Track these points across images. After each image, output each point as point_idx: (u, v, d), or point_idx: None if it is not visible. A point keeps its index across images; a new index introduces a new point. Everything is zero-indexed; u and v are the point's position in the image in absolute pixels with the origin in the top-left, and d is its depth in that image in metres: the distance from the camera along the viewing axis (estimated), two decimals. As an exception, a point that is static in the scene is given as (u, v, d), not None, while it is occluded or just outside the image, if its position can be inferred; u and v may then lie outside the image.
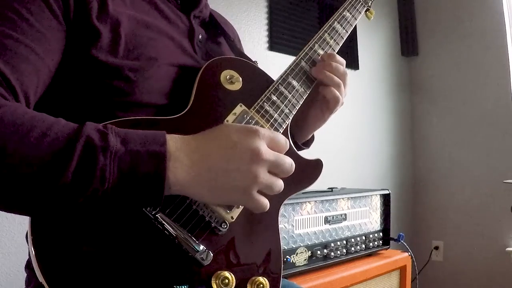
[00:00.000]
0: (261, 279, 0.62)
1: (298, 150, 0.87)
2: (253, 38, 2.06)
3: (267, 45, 2.12)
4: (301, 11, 2.25)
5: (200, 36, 0.78)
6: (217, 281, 0.58)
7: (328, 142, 2.20)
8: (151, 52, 0.67)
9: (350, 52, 2.47)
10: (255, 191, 0.55)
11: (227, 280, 0.59)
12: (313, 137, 0.91)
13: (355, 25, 0.92)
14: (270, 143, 0.56)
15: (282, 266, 0.66)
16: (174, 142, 0.53)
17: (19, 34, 0.56)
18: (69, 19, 0.62)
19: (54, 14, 0.60)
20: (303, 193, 1.48)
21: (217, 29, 0.85)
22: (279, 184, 0.57)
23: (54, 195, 0.48)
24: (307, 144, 0.91)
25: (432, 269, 2.64)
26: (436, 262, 2.68)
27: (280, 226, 1.37)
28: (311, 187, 0.76)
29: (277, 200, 0.67)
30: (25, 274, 0.68)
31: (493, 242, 2.47)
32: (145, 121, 0.61)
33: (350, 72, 1.26)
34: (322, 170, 0.76)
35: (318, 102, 0.83)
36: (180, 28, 0.75)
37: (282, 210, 1.40)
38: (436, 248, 2.70)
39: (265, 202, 0.56)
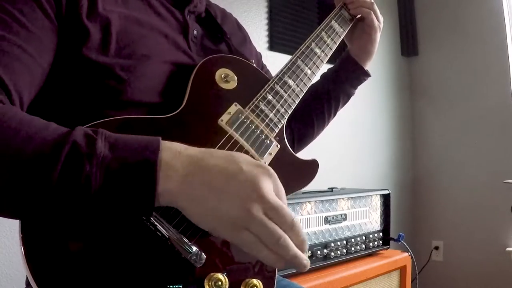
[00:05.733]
0: (254, 281, 0.61)
1: (365, 80, 0.99)
2: (253, 38, 2.04)
3: (267, 45, 2.12)
4: (301, 11, 2.25)
5: (195, 32, 0.77)
6: (210, 283, 0.57)
7: (328, 142, 2.20)
8: (143, 49, 0.66)
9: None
10: (245, 229, 0.48)
11: (220, 282, 0.58)
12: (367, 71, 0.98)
13: None
14: (276, 189, 0.51)
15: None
16: (171, 150, 0.49)
17: (11, 35, 0.56)
18: (62, 17, 0.62)
19: (46, 14, 0.60)
20: (303, 193, 1.48)
21: (214, 25, 0.84)
22: (278, 233, 0.48)
23: (37, 201, 0.46)
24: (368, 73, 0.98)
25: (432, 269, 2.64)
26: (436, 262, 2.68)
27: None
28: (311, 187, 0.74)
29: None
30: (25, 274, 0.68)
31: (493, 242, 2.47)
32: (137, 120, 0.60)
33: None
34: (318, 171, 0.74)
35: (363, 32, 0.92)
36: (173, 24, 0.74)
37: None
38: (436, 248, 2.70)
39: (255, 245, 0.48)
